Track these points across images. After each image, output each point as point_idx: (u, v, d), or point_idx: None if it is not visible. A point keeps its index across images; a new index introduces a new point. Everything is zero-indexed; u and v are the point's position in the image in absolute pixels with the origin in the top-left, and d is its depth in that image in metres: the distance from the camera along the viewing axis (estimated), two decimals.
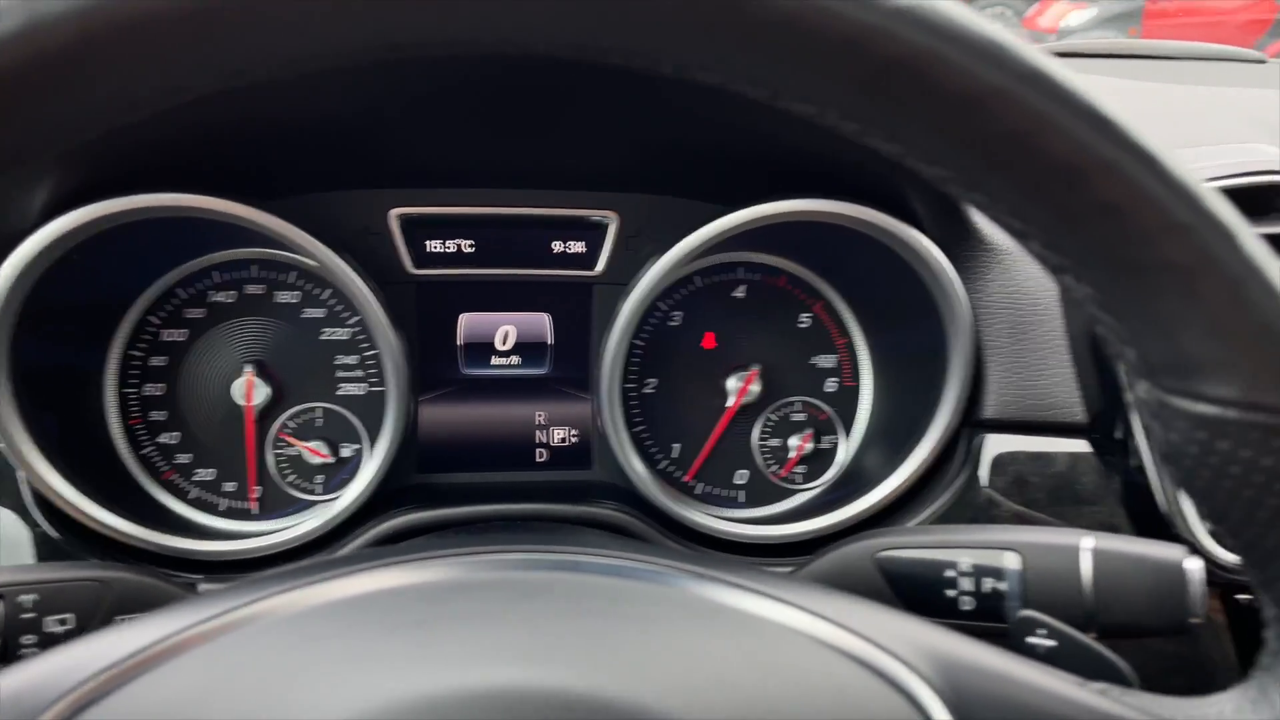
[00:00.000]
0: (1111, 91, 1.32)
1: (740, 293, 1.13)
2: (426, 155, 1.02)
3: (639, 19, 0.38)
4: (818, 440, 1.13)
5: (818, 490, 1.13)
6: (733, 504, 1.12)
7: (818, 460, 1.13)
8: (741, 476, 1.13)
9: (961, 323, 0.94)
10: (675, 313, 1.12)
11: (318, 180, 1.02)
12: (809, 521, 1.01)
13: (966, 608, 0.68)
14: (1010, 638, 0.61)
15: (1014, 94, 0.39)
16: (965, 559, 0.68)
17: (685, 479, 1.12)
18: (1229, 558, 0.86)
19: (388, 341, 0.96)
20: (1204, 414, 0.41)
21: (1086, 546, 0.65)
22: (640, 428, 1.12)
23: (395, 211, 1.05)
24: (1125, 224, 0.40)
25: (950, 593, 0.68)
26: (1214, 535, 0.81)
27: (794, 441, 1.12)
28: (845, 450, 1.13)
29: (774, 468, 1.13)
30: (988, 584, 0.67)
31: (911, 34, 0.38)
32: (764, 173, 0.98)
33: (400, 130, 0.98)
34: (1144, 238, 0.40)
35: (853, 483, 1.07)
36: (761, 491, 1.13)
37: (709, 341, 1.12)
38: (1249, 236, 0.40)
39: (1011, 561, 0.67)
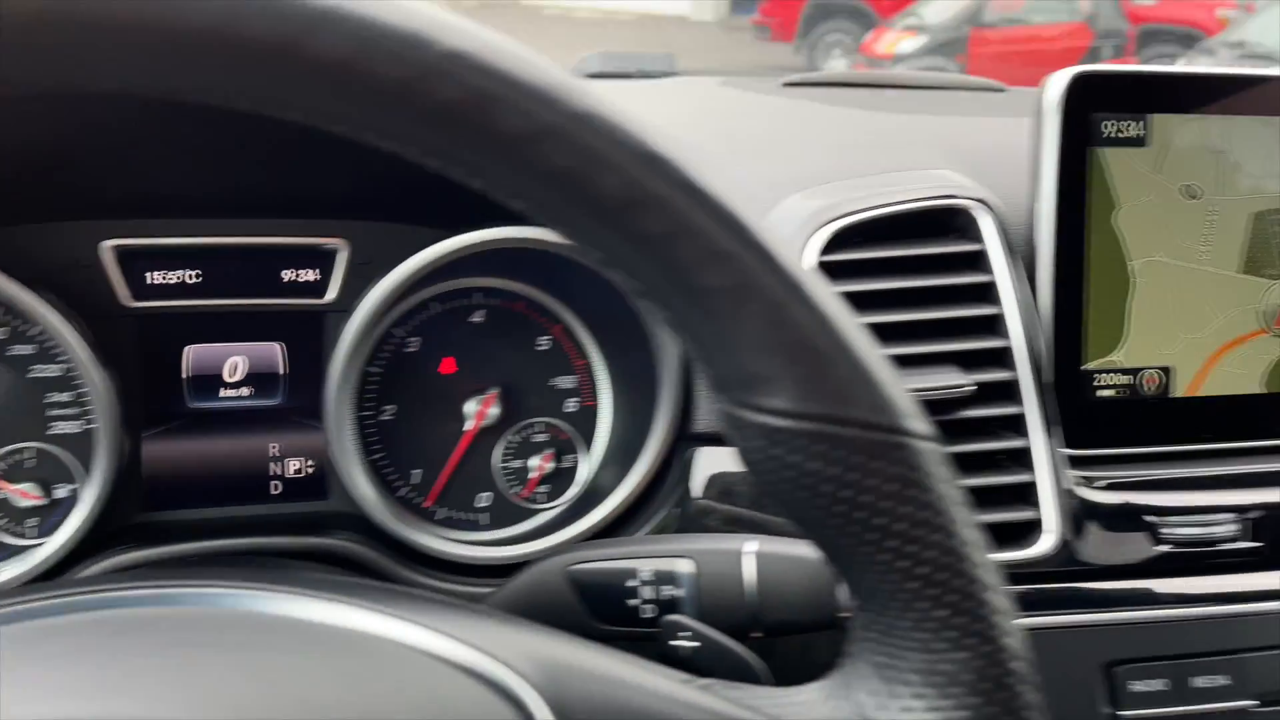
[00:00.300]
0: (829, 121, 1.38)
1: (479, 317, 1.14)
2: (142, 184, 1.00)
3: (206, 62, 0.40)
4: (559, 460, 1.15)
5: (560, 509, 1.15)
6: (475, 527, 1.13)
7: (561, 479, 1.15)
8: (484, 499, 1.14)
9: (668, 342, 0.98)
10: (412, 338, 1.12)
11: (19, 212, 0.98)
12: (543, 540, 1.03)
13: (648, 615, 0.71)
14: (658, 642, 0.65)
15: (566, 132, 0.42)
16: (646, 568, 0.72)
17: (425, 504, 1.13)
18: None
19: (92, 378, 0.93)
20: (763, 424, 0.45)
21: (749, 550, 0.70)
22: (378, 455, 1.11)
23: (109, 243, 1.01)
24: (679, 252, 0.43)
25: (632, 601, 0.71)
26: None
27: (535, 462, 1.14)
28: (586, 468, 1.15)
29: (516, 488, 1.14)
30: (666, 591, 0.71)
31: (465, 76, 0.40)
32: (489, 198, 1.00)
33: (111, 159, 0.95)
34: (697, 265, 0.43)
35: (594, 500, 1.10)
36: (505, 513, 1.14)
37: (448, 366, 1.13)
38: (789, 261, 0.44)
39: (686, 567, 0.71)
